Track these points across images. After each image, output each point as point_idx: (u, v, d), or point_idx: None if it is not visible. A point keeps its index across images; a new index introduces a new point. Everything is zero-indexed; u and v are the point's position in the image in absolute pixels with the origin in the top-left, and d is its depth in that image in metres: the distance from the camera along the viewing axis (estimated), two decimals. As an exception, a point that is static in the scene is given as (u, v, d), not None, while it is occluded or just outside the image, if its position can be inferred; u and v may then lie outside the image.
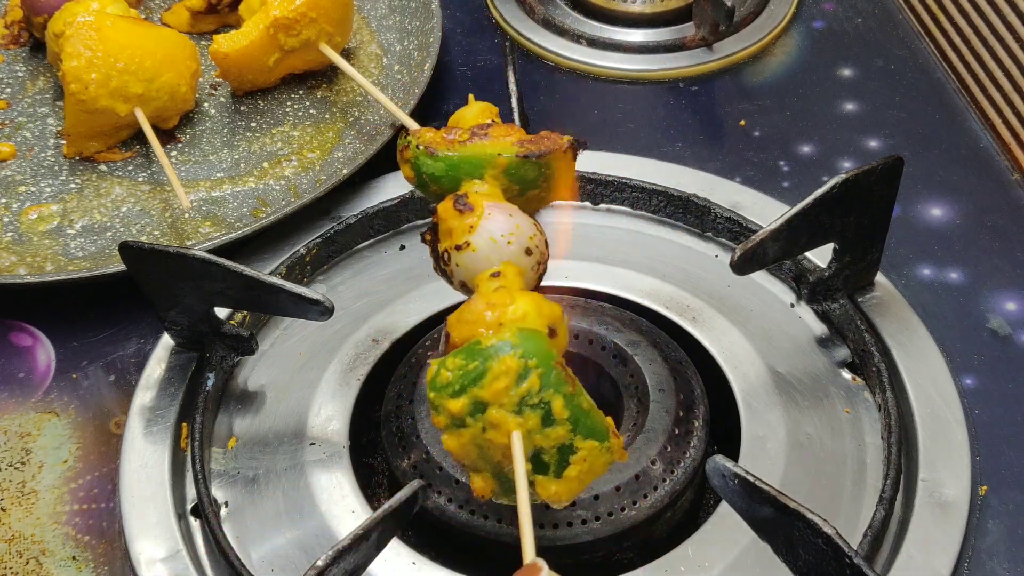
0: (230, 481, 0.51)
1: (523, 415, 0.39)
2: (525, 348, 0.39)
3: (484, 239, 0.43)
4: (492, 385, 0.39)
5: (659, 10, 0.77)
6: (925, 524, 0.47)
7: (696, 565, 0.46)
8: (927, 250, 0.60)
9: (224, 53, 0.69)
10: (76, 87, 0.64)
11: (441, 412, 0.40)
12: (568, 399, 0.39)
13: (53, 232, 0.63)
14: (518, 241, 0.44)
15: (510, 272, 0.43)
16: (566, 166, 0.47)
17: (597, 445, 0.40)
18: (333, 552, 0.40)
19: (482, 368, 0.39)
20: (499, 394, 0.39)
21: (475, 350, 0.39)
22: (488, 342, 0.39)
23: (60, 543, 0.49)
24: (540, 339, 0.40)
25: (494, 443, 0.39)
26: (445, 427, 0.40)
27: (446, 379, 0.39)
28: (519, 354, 0.39)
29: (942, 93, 0.70)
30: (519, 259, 0.44)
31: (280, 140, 0.69)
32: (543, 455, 0.39)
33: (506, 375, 0.39)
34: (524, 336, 0.39)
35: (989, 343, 0.55)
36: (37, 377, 0.56)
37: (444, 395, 0.39)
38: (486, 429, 0.39)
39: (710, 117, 0.70)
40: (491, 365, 0.39)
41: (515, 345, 0.39)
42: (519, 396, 0.39)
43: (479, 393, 0.39)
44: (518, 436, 0.39)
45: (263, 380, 0.55)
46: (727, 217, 0.60)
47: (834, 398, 0.53)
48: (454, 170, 0.46)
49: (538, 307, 0.41)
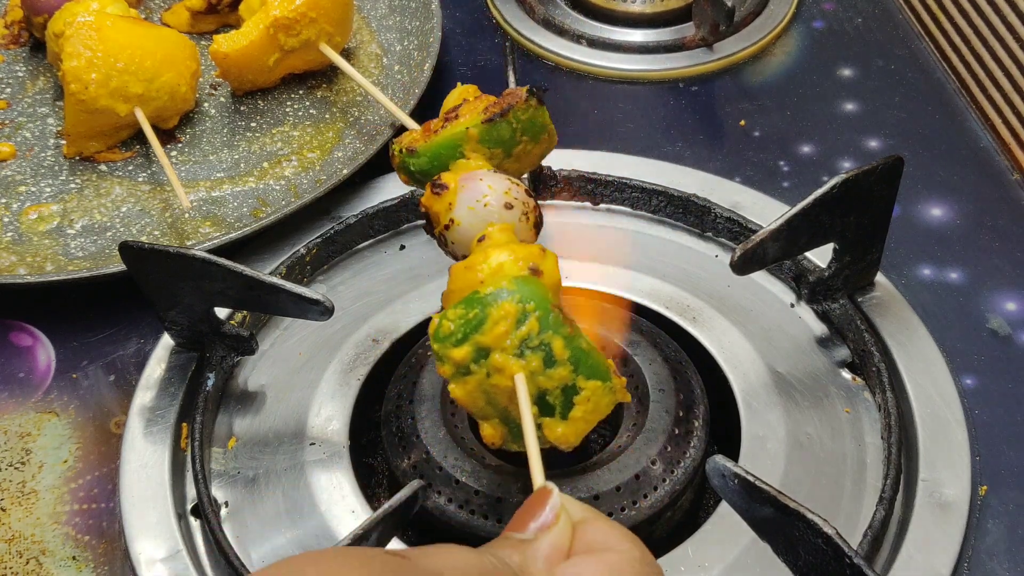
0: (230, 481, 0.51)
1: (525, 358, 0.40)
2: (522, 293, 0.40)
3: (464, 211, 0.45)
4: (493, 330, 0.40)
5: (659, 10, 0.77)
6: (925, 524, 0.47)
7: (696, 565, 0.46)
8: (927, 250, 0.60)
9: (224, 53, 0.69)
10: (76, 87, 0.64)
11: (446, 361, 0.40)
12: (568, 340, 0.40)
13: (53, 232, 0.63)
14: (495, 200, 0.45)
15: (495, 232, 0.44)
16: (538, 114, 0.48)
17: (600, 385, 0.41)
18: (333, 552, 0.40)
19: (482, 315, 0.40)
20: (500, 338, 0.40)
21: (474, 299, 0.40)
22: (485, 291, 0.40)
23: (60, 543, 0.49)
24: (536, 284, 0.41)
25: (499, 387, 0.40)
26: (451, 376, 0.41)
27: (448, 329, 0.40)
28: (516, 299, 0.40)
29: (942, 93, 0.70)
30: (501, 216, 0.45)
31: (280, 140, 0.69)
32: (548, 396, 0.40)
33: (505, 319, 0.40)
34: (520, 282, 0.40)
35: (989, 343, 0.55)
36: (37, 377, 0.56)
37: (448, 345, 0.40)
38: (490, 374, 0.40)
39: (710, 117, 0.70)
40: (490, 311, 0.40)
41: (512, 291, 0.40)
42: (519, 339, 0.40)
43: (481, 339, 0.40)
44: (521, 378, 0.40)
45: (263, 380, 0.55)
46: (727, 217, 0.60)
47: (834, 398, 0.53)
48: (437, 159, 0.48)
49: (512, 253, 0.42)
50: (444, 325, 0.40)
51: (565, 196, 0.63)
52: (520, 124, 0.48)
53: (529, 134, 0.48)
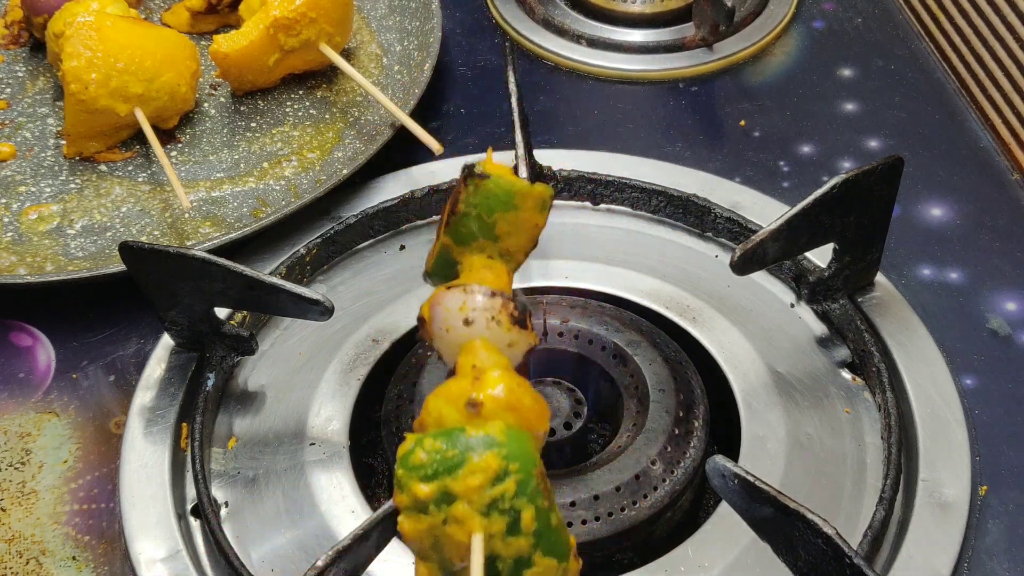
0: (230, 481, 0.51)
1: (490, 517, 0.37)
2: (510, 449, 0.37)
3: (439, 342, 0.42)
4: (467, 479, 0.36)
5: (659, 10, 0.77)
6: (925, 524, 0.47)
7: (696, 565, 0.46)
8: (927, 250, 0.60)
9: (224, 53, 0.69)
10: (76, 87, 0.64)
11: (405, 492, 0.37)
12: (540, 512, 0.37)
13: (53, 232, 0.63)
14: (454, 321, 0.42)
15: (460, 360, 0.41)
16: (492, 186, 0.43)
17: (555, 565, 0.38)
18: (333, 552, 0.40)
19: (460, 459, 0.37)
20: (471, 491, 0.37)
21: (457, 438, 0.37)
22: (473, 433, 0.37)
23: (60, 543, 0.49)
24: (526, 442, 0.38)
25: (452, 538, 0.37)
26: (405, 508, 0.38)
27: (419, 460, 0.37)
28: (502, 454, 0.37)
29: (942, 93, 0.70)
30: (467, 335, 0.42)
31: (280, 140, 0.69)
32: (498, 562, 0.37)
33: (483, 472, 0.36)
34: (511, 436, 0.37)
35: (989, 343, 0.55)
36: (37, 377, 0.56)
37: (414, 476, 0.37)
38: (448, 522, 0.37)
39: (710, 117, 0.70)
40: (470, 458, 0.37)
41: (501, 443, 0.37)
42: (491, 497, 0.37)
43: (451, 484, 0.37)
44: (479, 539, 0.37)
45: (263, 380, 0.55)
46: (727, 217, 0.60)
47: (834, 398, 0.53)
48: (445, 277, 0.45)
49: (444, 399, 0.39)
50: (416, 454, 0.37)
51: (565, 196, 0.63)
52: (479, 208, 0.43)
53: (497, 208, 0.43)
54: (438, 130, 0.68)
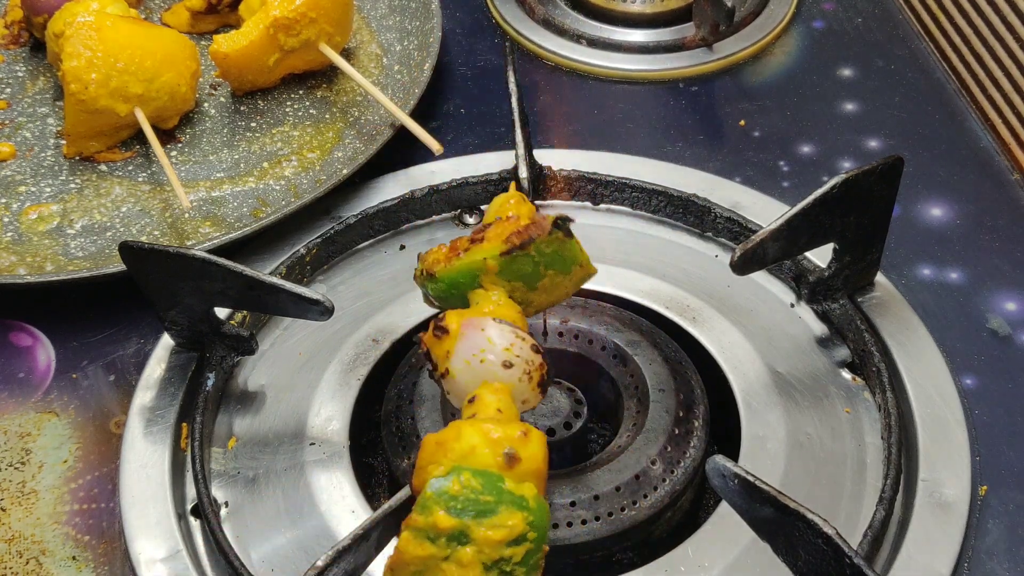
0: (230, 481, 0.51)
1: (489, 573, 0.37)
2: (536, 518, 0.38)
3: (460, 363, 0.42)
4: (489, 530, 0.37)
5: (659, 10, 0.77)
6: (925, 524, 0.47)
7: (696, 565, 0.46)
8: (927, 250, 0.60)
9: (224, 53, 0.69)
10: (76, 87, 0.64)
11: (425, 515, 0.37)
12: None
13: (53, 232, 0.63)
14: (493, 356, 0.41)
15: (486, 394, 0.41)
16: (565, 247, 0.44)
17: None
18: (333, 552, 0.40)
19: (494, 508, 0.37)
20: (489, 542, 0.37)
21: (496, 485, 0.38)
22: (517, 489, 0.38)
23: (60, 543, 0.49)
24: (546, 516, 0.38)
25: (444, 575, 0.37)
26: (415, 528, 0.38)
27: (453, 491, 0.37)
28: (528, 519, 0.37)
29: (942, 93, 0.70)
30: (498, 375, 0.41)
31: (280, 140, 0.69)
32: None
33: (508, 530, 0.37)
34: (539, 505, 0.38)
35: (989, 343, 0.55)
36: (37, 377, 0.56)
37: (441, 504, 0.37)
38: (450, 560, 0.37)
39: (710, 117, 0.70)
40: (503, 511, 0.37)
41: (531, 509, 0.38)
42: (499, 555, 0.37)
43: (474, 528, 0.37)
44: None
45: (263, 380, 0.55)
46: (727, 217, 0.60)
47: (834, 398, 0.53)
48: (456, 287, 0.45)
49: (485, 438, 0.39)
50: (454, 484, 0.37)
51: (565, 196, 0.63)
52: (544, 258, 0.43)
53: (556, 267, 0.44)
54: (438, 130, 0.68)
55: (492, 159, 0.65)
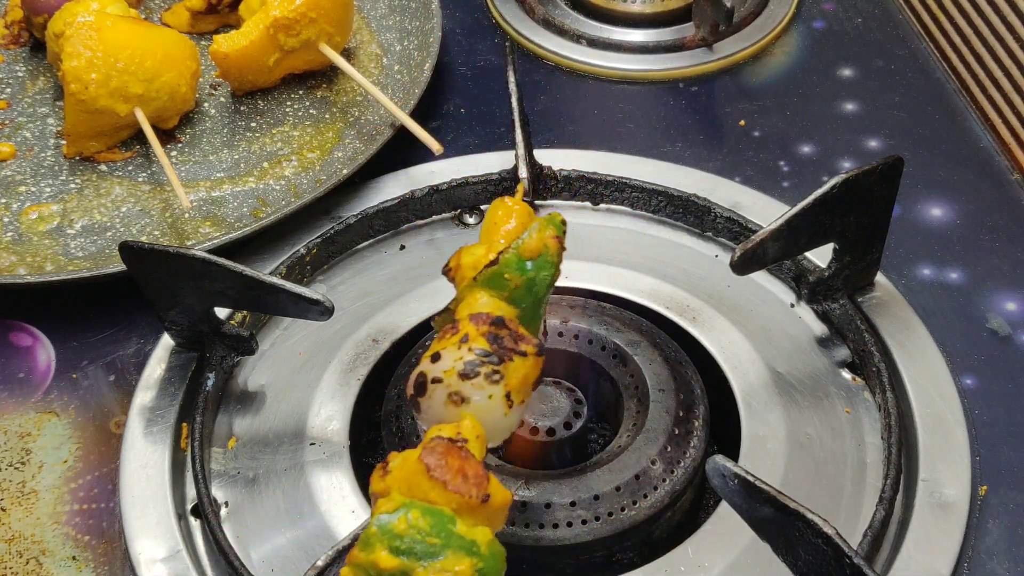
0: (230, 481, 0.51)
1: None
2: (487, 565, 0.35)
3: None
4: (433, 575, 0.35)
5: (659, 10, 0.77)
6: (925, 524, 0.47)
7: (696, 565, 0.46)
8: (927, 250, 0.60)
9: (224, 53, 0.69)
10: (76, 87, 0.64)
11: (366, 551, 0.35)
12: None
13: (53, 232, 0.63)
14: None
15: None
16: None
17: None
18: (333, 552, 0.40)
19: (438, 552, 0.35)
20: None
21: (445, 527, 0.35)
22: (462, 531, 0.35)
23: (60, 543, 0.49)
24: (501, 563, 0.36)
25: None
26: (356, 565, 0.35)
27: (399, 529, 0.35)
28: (477, 567, 0.35)
29: (942, 93, 0.70)
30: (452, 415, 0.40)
31: (280, 140, 0.69)
32: None
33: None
34: (493, 552, 0.36)
35: (989, 343, 0.55)
36: (37, 377, 0.56)
37: (384, 542, 0.35)
38: None
39: (710, 117, 0.70)
40: (449, 556, 0.35)
41: (482, 556, 0.35)
42: None
43: (416, 571, 0.35)
44: None
45: (263, 380, 0.55)
46: (727, 217, 0.60)
47: (834, 398, 0.53)
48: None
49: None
50: (400, 522, 0.35)
51: (565, 196, 0.63)
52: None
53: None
54: (438, 130, 0.68)
55: (492, 159, 0.65)
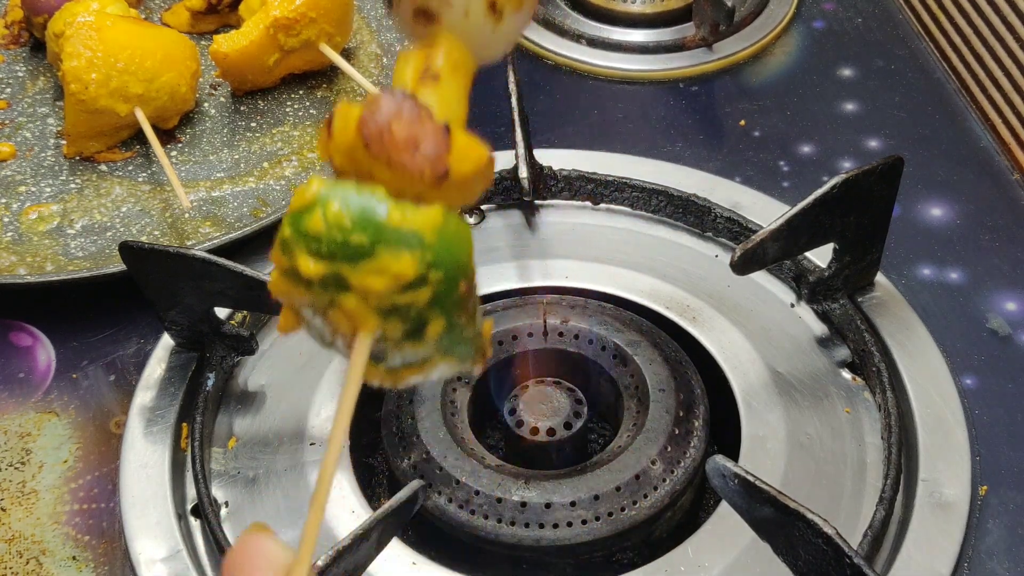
0: (230, 481, 0.51)
1: (388, 320, 0.28)
2: (437, 255, 0.28)
3: None
4: (367, 277, 0.28)
5: (659, 10, 0.77)
6: (925, 524, 0.47)
7: (696, 565, 0.46)
8: (927, 250, 0.60)
9: (224, 53, 0.69)
10: (76, 87, 0.64)
11: (287, 256, 0.29)
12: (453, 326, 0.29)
13: (53, 232, 0.63)
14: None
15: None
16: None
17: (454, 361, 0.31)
18: (333, 552, 0.40)
19: (367, 251, 0.27)
20: (371, 293, 0.28)
21: (372, 220, 0.28)
22: (395, 221, 0.28)
23: (60, 543, 0.49)
24: (460, 248, 0.29)
25: (333, 323, 0.29)
26: (282, 270, 0.29)
27: (315, 229, 0.28)
28: (425, 259, 0.28)
29: (942, 93, 0.70)
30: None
31: (280, 140, 0.69)
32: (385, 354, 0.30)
33: (392, 278, 0.28)
34: (444, 238, 0.28)
35: (989, 343, 0.55)
36: (37, 377, 0.56)
37: (302, 245, 0.28)
38: (333, 305, 0.28)
39: (710, 117, 0.70)
40: (381, 254, 0.27)
41: (427, 246, 0.28)
42: (393, 303, 0.28)
43: (349, 274, 0.28)
44: (367, 340, 0.29)
45: (263, 380, 0.55)
46: (727, 217, 0.60)
47: (834, 398, 0.53)
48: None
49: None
50: (315, 218, 0.28)
51: (565, 196, 0.63)
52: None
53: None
54: (438, 130, 0.68)
55: (492, 159, 0.65)
